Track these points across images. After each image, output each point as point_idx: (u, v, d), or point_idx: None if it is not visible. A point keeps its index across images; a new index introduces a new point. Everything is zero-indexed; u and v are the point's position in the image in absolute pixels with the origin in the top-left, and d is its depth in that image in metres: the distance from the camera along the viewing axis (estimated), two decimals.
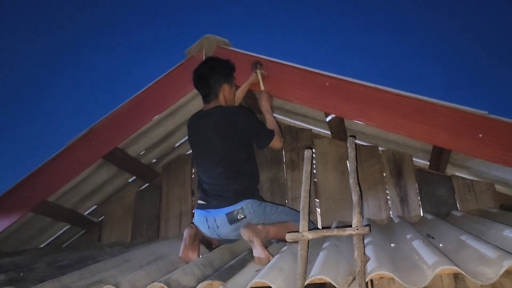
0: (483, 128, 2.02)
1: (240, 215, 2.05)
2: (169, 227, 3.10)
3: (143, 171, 3.20)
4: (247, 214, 2.05)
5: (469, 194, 2.58)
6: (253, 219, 2.07)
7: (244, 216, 2.05)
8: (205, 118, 2.29)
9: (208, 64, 2.40)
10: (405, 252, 1.69)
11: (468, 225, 2.04)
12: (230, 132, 2.21)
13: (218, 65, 2.40)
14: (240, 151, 2.23)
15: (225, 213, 2.05)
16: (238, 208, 2.05)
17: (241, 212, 2.05)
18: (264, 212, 2.12)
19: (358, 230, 1.37)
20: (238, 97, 2.53)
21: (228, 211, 2.05)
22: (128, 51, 12.36)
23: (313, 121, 2.99)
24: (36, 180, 2.77)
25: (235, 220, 2.05)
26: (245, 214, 2.05)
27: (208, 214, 2.10)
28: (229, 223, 2.05)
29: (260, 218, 2.10)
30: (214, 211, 2.09)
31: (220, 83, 2.34)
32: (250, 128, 2.25)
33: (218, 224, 2.07)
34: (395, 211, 2.67)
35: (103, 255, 2.50)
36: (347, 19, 11.49)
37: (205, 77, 2.33)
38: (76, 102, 12.06)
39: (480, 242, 1.51)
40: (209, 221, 2.09)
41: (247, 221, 2.04)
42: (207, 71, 2.35)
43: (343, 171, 2.88)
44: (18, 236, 3.02)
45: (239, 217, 2.05)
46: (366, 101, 2.27)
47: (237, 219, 2.05)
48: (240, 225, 2.01)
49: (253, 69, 2.54)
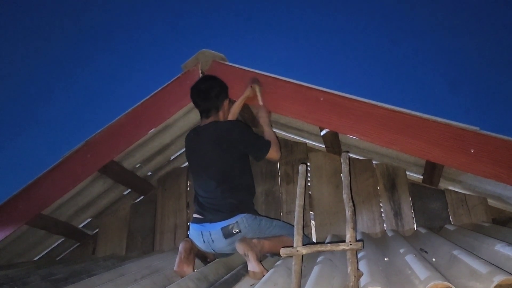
0: (474, 144, 2.05)
1: (235, 230, 2.06)
2: (164, 240, 3.09)
3: (138, 184, 3.20)
4: (242, 228, 2.06)
5: (462, 208, 2.61)
6: (248, 233, 2.07)
7: (239, 230, 2.06)
8: (201, 133, 2.32)
9: (210, 81, 2.43)
10: (398, 267, 1.70)
11: (460, 240, 2.05)
12: (226, 146, 2.23)
13: (218, 81, 2.44)
14: (236, 164, 2.25)
15: (220, 228, 2.06)
16: (233, 223, 2.06)
17: (236, 227, 2.06)
18: (259, 226, 2.14)
19: (351, 245, 1.39)
20: (234, 112, 2.56)
21: (223, 225, 2.06)
22: (124, 65, 12.44)
23: (308, 134, 3.02)
24: (31, 192, 2.76)
25: (230, 235, 2.05)
26: (240, 229, 2.06)
27: (203, 228, 2.11)
28: (224, 237, 2.06)
29: (255, 232, 2.11)
30: (209, 225, 2.09)
31: (223, 97, 2.39)
32: (245, 140, 2.27)
33: (213, 239, 2.08)
34: (389, 224, 2.68)
35: (97, 268, 2.50)
36: (343, 33, 11.62)
37: (208, 92, 2.34)
38: (72, 115, 12.10)
39: (472, 257, 1.52)
40: (204, 235, 2.10)
41: (242, 235, 2.05)
42: (210, 87, 2.36)
43: (338, 185, 2.90)
44: (12, 249, 3.00)
45: (234, 231, 2.05)
46: (360, 116, 2.30)
47: (232, 233, 2.05)
48: (235, 240, 2.02)
49: (251, 84, 2.58)
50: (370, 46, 11.68)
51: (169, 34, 12.34)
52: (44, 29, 11.15)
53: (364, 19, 11.41)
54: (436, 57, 11.04)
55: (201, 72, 2.73)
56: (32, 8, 10.80)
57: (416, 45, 11.38)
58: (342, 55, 11.77)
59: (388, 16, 11.06)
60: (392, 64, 11.69)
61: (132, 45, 12.38)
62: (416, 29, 11.33)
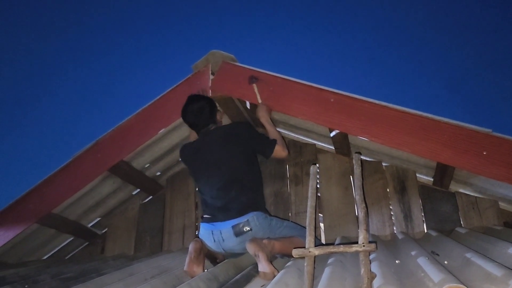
0: (487, 146, 2.03)
1: (246, 228, 2.07)
2: (172, 240, 3.10)
3: (147, 184, 3.21)
4: (253, 226, 2.07)
5: (473, 211, 2.59)
6: (259, 232, 2.08)
7: (250, 228, 2.07)
8: (207, 137, 2.37)
9: (198, 99, 2.46)
10: (410, 269, 1.69)
11: (472, 243, 2.04)
12: (234, 145, 2.27)
13: (206, 98, 2.48)
14: (246, 163, 2.28)
15: (231, 226, 2.08)
16: (244, 221, 2.07)
17: (247, 225, 2.07)
18: (270, 226, 2.14)
19: (364, 247, 1.38)
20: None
21: (234, 223, 2.08)
22: (135, 66, 12.48)
23: (317, 136, 3.01)
24: (42, 191, 2.78)
25: (241, 233, 2.06)
26: (251, 227, 2.07)
27: (214, 227, 2.12)
28: (235, 235, 2.07)
29: (266, 231, 2.11)
30: (220, 224, 2.10)
31: (215, 112, 2.47)
32: (252, 138, 2.33)
33: (224, 237, 2.08)
34: (399, 227, 2.67)
35: (107, 267, 2.50)
36: (353, 35, 11.58)
37: (202, 109, 2.40)
38: (83, 114, 12.15)
39: (486, 260, 1.51)
40: (214, 234, 2.11)
41: (252, 233, 2.06)
42: (202, 106, 2.41)
43: (347, 186, 2.89)
44: (22, 248, 3.03)
45: (245, 230, 2.07)
46: (371, 117, 2.29)
47: (243, 231, 2.07)
48: (246, 238, 2.03)
49: (250, 83, 2.59)
50: (370, 47, 11.65)
51: (178, 34, 12.38)
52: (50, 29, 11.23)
53: (364, 20, 11.40)
54: (435, 58, 11.00)
55: (211, 73, 2.73)
56: (33, 8, 10.87)
57: (416, 46, 11.34)
58: (340, 56, 11.75)
59: (388, 16, 11.04)
60: (392, 65, 11.66)
61: (140, 45, 12.45)
62: (416, 29, 11.28)
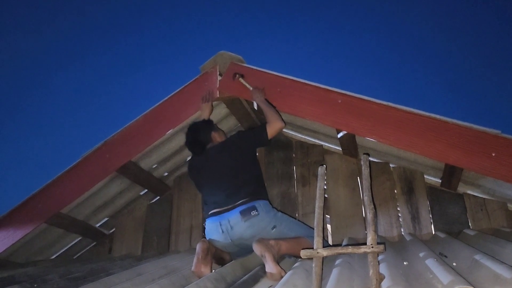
0: (496, 147, 2.02)
1: (253, 212, 2.14)
2: (179, 240, 3.11)
3: (155, 184, 3.23)
4: (260, 211, 2.15)
5: (481, 212, 2.57)
6: (265, 218, 2.15)
7: (257, 212, 2.14)
8: (210, 152, 2.46)
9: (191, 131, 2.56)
10: (418, 271, 1.68)
11: (481, 244, 2.02)
12: (235, 151, 2.38)
13: (198, 126, 2.56)
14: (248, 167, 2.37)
15: (239, 211, 2.15)
16: (251, 205, 2.16)
17: (254, 209, 2.15)
18: (275, 216, 2.22)
19: (373, 248, 1.38)
20: None
21: (241, 208, 2.16)
22: (143, 66, 12.52)
23: (324, 137, 3.01)
24: (51, 191, 2.81)
25: (249, 217, 2.13)
26: (258, 211, 2.14)
27: (222, 218, 2.19)
28: (243, 220, 2.13)
29: (272, 219, 2.18)
30: (227, 213, 2.18)
31: (208, 134, 2.52)
32: (244, 136, 2.44)
33: (232, 224, 2.15)
34: (406, 228, 2.66)
35: (114, 267, 2.52)
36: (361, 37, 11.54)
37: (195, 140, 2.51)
38: (93, 116, 12.20)
39: (495, 262, 1.50)
40: (222, 224, 2.17)
41: (260, 218, 2.13)
42: (194, 135, 2.53)
43: (354, 187, 2.88)
44: (30, 247, 3.05)
45: (253, 214, 2.13)
46: (379, 118, 2.29)
47: (251, 215, 2.13)
48: (253, 223, 2.11)
49: (234, 78, 2.68)
50: (369, 48, 11.62)
51: (187, 35, 12.41)
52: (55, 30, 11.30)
53: (363, 21, 11.37)
54: (434, 58, 10.94)
55: (219, 74, 2.74)
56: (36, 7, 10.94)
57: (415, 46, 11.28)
58: (339, 56, 11.72)
59: (386, 17, 11.00)
60: (390, 66, 11.61)
61: (149, 46, 12.49)
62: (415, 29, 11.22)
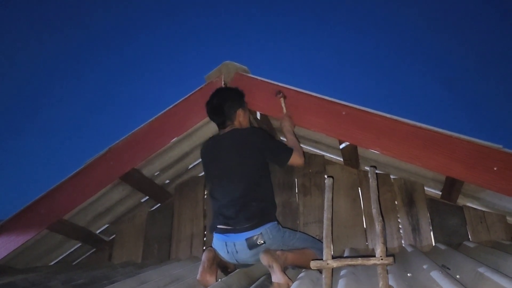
0: (498, 162, 2.07)
1: (259, 241, 2.07)
2: (180, 248, 3.11)
3: (156, 191, 3.23)
4: (267, 239, 2.08)
5: (481, 225, 2.61)
6: (272, 245, 2.09)
7: (263, 241, 2.08)
8: (221, 141, 2.35)
9: (220, 94, 2.48)
10: (423, 283, 1.71)
11: (482, 257, 2.05)
12: (248, 152, 2.26)
13: (229, 93, 2.49)
14: (259, 173, 2.27)
15: (245, 239, 2.08)
16: (257, 234, 2.08)
17: (260, 238, 2.08)
18: (283, 238, 2.15)
19: (382, 260, 1.41)
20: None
21: (248, 236, 2.08)
22: (147, 75, 12.52)
23: (326, 147, 3.04)
24: (53, 197, 2.80)
25: (255, 246, 2.07)
26: (264, 240, 2.08)
27: (228, 238, 2.13)
28: (248, 248, 2.08)
29: (279, 243, 2.13)
30: (234, 236, 2.11)
31: (234, 109, 2.42)
32: (267, 145, 2.30)
33: (238, 249, 2.10)
34: (407, 240, 2.69)
35: (117, 275, 2.51)
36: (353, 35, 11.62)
37: (219, 106, 2.41)
38: (95, 123, 12.15)
39: (500, 275, 1.53)
40: (228, 245, 2.12)
41: (266, 246, 2.07)
42: (220, 100, 2.42)
43: (355, 198, 2.91)
44: (30, 253, 3.03)
45: (259, 243, 2.07)
46: (382, 131, 2.33)
47: (257, 244, 2.07)
48: (259, 251, 2.04)
49: (277, 96, 2.63)
50: (367, 47, 11.73)
51: (192, 45, 12.45)
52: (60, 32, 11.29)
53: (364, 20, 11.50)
54: (432, 58, 11.07)
55: (224, 84, 2.77)
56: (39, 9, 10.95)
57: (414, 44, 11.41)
58: (337, 58, 11.83)
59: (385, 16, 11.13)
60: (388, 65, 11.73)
61: (154, 54, 12.51)
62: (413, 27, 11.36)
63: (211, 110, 2.45)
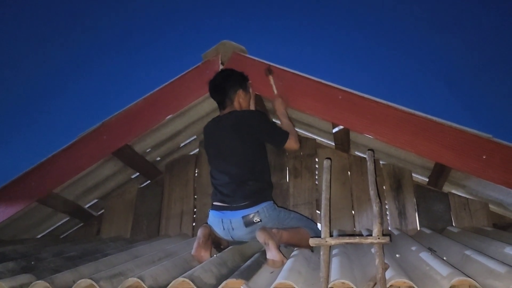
0: (487, 150, 2.15)
1: (256, 219, 2.12)
2: (169, 225, 3.13)
3: (147, 168, 3.23)
4: (263, 217, 2.13)
5: (464, 211, 2.71)
6: (268, 223, 2.14)
7: (259, 219, 2.12)
8: (221, 122, 2.39)
9: (223, 73, 2.53)
10: (412, 263, 1.78)
11: (466, 241, 2.14)
12: (245, 133, 2.29)
13: (232, 73, 2.52)
14: (256, 153, 2.32)
15: (242, 216, 2.12)
16: (254, 212, 2.12)
17: (257, 216, 2.12)
18: (278, 217, 2.20)
19: (379, 239, 1.46)
20: None
21: (244, 214, 2.12)
22: (144, 52, 12.19)
23: (318, 131, 3.09)
24: (45, 170, 2.77)
25: (251, 224, 2.11)
26: (260, 218, 2.12)
27: (224, 215, 2.17)
28: (245, 226, 2.12)
29: (275, 222, 2.17)
30: (230, 213, 2.15)
31: (234, 88, 2.44)
32: (264, 128, 2.35)
33: (234, 226, 2.14)
34: (393, 223, 2.78)
35: (108, 248, 2.53)
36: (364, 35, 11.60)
37: (220, 84, 2.45)
38: (89, 99, 11.78)
39: (486, 257, 1.60)
40: (224, 222, 2.16)
41: (262, 224, 2.11)
42: (222, 79, 2.46)
43: (344, 182, 2.98)
44: (17, 225, 3.00)
45: (255, 221, 2.11)
46: (377, 116, 2.38)
47: (253, 222, 2.11)
48: (255, 228, 2.09)
49: (266, 74, 2.64)
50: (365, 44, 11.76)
51: (190, 25, 12.16)
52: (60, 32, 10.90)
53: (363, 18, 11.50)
54: (433, 55, 11.18)
55: (221, 63, 2.76)
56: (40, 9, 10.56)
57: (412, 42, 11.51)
58: (337, 53, 11.83)
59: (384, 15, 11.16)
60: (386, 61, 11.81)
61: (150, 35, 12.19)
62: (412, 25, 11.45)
63: (213, 87, 2.47)
